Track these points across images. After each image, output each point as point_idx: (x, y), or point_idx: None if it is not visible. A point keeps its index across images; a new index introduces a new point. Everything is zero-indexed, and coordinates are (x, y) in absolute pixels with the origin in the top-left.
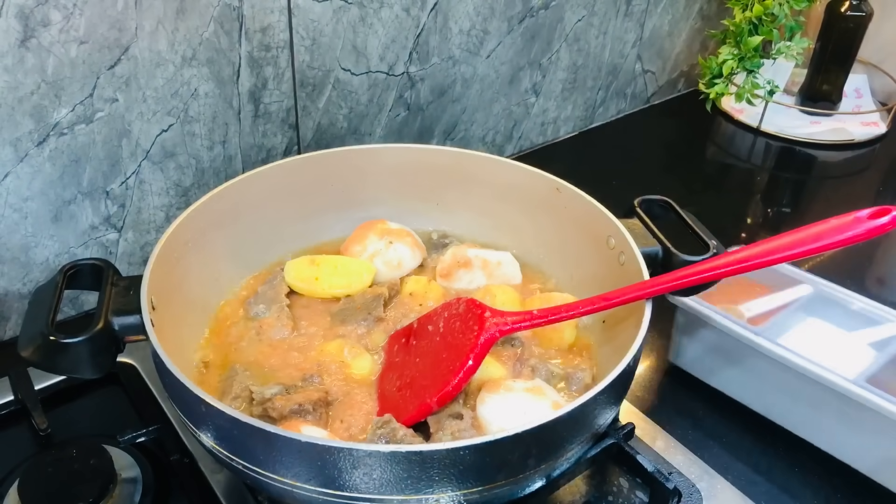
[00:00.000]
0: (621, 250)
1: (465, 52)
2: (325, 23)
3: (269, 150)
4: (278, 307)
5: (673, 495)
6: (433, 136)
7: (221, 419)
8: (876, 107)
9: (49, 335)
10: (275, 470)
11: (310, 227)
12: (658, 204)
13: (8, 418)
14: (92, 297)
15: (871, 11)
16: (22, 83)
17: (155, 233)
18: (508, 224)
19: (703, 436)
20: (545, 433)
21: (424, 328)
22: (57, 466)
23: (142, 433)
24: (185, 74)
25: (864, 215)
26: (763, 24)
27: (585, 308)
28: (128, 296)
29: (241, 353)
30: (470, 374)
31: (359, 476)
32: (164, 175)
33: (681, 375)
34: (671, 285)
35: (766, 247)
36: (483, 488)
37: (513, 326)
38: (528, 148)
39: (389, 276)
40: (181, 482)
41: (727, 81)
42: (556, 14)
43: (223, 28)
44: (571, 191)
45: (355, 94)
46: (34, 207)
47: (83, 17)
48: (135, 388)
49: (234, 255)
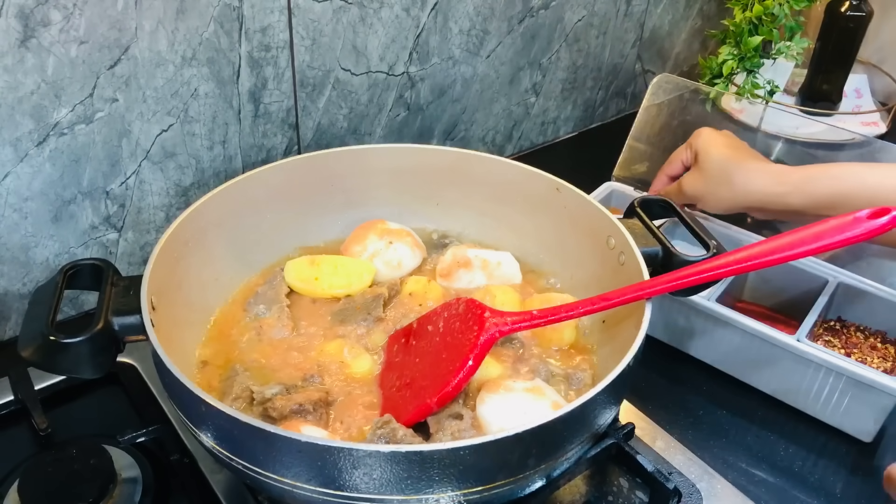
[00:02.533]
0: (621, 250)
1: (465, 52)
2: (325, 23)
3: (269, 150)
4: (278, 307)
5: (673, 495)
6: (433, 136)
7: (221, 419)
8: (876, 107)
9: (49, 335)
10: (275, 470)
11: (310, 227)
12: (658, 204)
13: (8, 418)
14: (92, 297)
15: (871, 11)
16: (22, 83)
17: (155, 233)
18: (508, 224)
19: (703, 436)
20: (545, 433)
21: (424, 328)
22: (57, 466)
23: (142, 433)
24: (185, 74)
25: (864, 215)
26: (763, 24)
27: (585, 308)
28: (128, 296)
29: (241, 353)
30: (470, 375)
31: (359, 476)
32: (164, 175)
33: (681, 375)
34: (671, 285)
35: (766, 247)
36: (483, 488)
37: (513, 327)
38: (528, 148)
39: (389, 276)
40: (181, 482)
41: (727, 81)
42: (556, 14)
43: (223, 28)
44: (571, 191)
45: (355, 94)
46: (34, 207)
47: (83, 17)
48: (135, 388)
49: (234, 255)
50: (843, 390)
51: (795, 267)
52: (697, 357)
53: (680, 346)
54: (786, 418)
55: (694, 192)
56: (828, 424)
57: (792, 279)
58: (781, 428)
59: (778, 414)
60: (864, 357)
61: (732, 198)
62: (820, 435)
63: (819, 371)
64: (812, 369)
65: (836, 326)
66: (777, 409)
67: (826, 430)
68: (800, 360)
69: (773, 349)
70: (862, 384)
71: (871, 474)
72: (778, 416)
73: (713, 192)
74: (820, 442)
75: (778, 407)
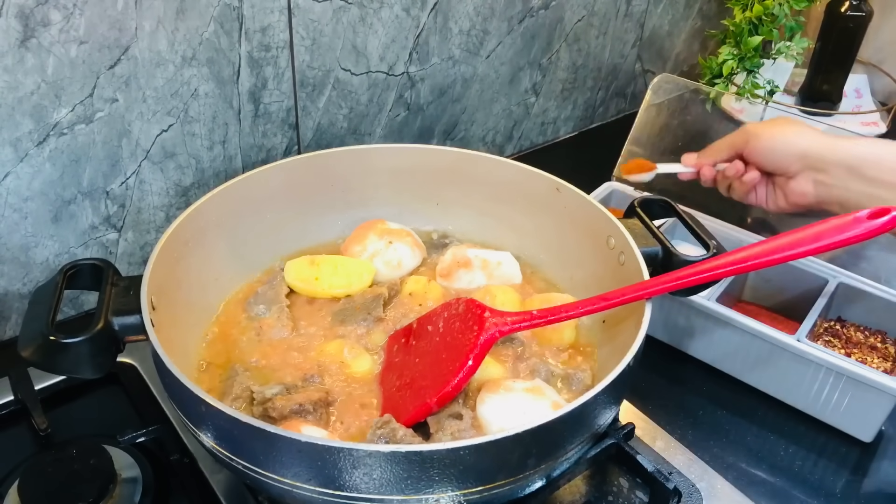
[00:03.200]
0: (621, 250)
1: (465, 52)
2: (325, 23)
3: (269, 150)
4: (278, 307)
5: (673, 495)
6: (433, 136)
7: (221, 419)
8: (876, 107)
9: (49, 335)
10: (275, 470)
11: (310, 227)
12: (658, 204)
13: (8, 418)
14: (92, 297)
15: (871, 11)
16: (22, 83)
17: (155, 233)
18: (508, 224)
19: (703, 436)
20: (545, 433)
21: (424, 328)
22: (57, 466)
23: (142, 433)
24: (185, 74)
25: (864, 215)
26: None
27: (585, 308)
28: (128, 296)
29: (241, 353)
30: (470, 375)
31: (359, 476)
32: (164, 175)
33: (681, 375)
34: (671, 285)
35: (766, 247)
36: (483, 488)
37: (512, 327)
38: (528, 148)
39: (389, 276)
40: (181, 482)
41: (727, 81)
42: (556, 14)
43: (223, 28)
44: (571, 191)
45: (355, 94)
46: (34, 207)
47: (83, 17)
48: (135, 388)
49: (234, 255)
50: (843, 390)
51: (795, 267)
52: (697, 357)
53: (680, 346)
54: (786, 418)
55: (754, 128)
56: (828, 424)
57: (792, 279)
58: (781, 428)
59: (778, 414)
60: (864, 357)
61: (790, 134)
62: (820, 435)
63: (819, 371)
64: (812, 369)
65: (836, 326)
66: (777, 409)
67: (826, 430)
68: (800, 360)
69: (773, 349)
70: (862, 384)
71: (871, 474)
72: (778, 416)
73: (773, 131)
74: (820, 442)
75: (778, 407)
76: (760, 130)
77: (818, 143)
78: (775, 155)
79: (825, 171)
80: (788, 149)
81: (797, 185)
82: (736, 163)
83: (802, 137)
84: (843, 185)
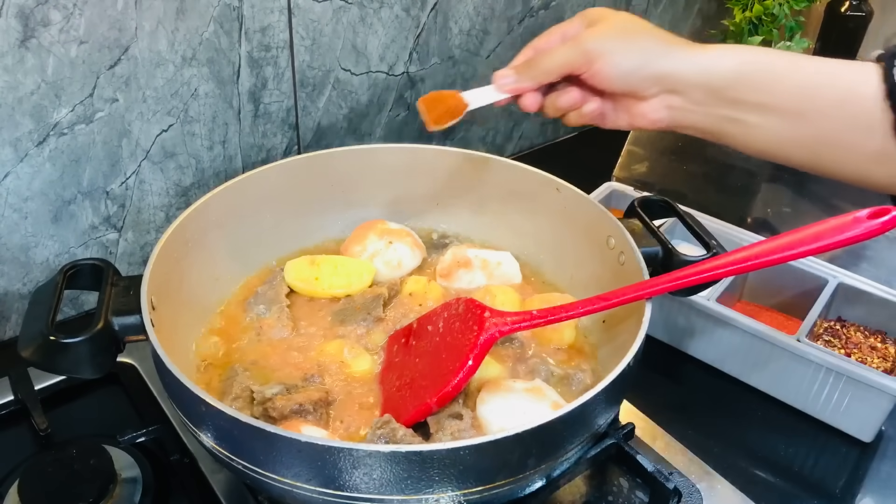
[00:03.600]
0: (621, 250)
1: (465, 52)
2: (325, 23)
3: (269, 150)
4: (278, 307)
5: (673, 495)
6: (433, 136)
7: (221, 419)
8: None
9: (49, 335)
10: (275, 470)
11: (310, 227)
12: (658, 204)
13: (8, 418)
14: (92, 297)
15: (871, 11)
16: (22, 83)
17: (155, 233)
18: (508, 224)
19: (703, 436)
20: (545, 433)
21: (424, 328)
22: (57, 466)
23: (142, 433)
24: (185, 74)
25: (864, 215)
26: (763, 24)
27: (585, 308)
28: (128, 296)
29: (241, 353)
30: (470, 375)
31: (359, 476)
32: (164, 175)
33: (681, 375)
34: (671, 285)
35: (766, 247)
36: (483, 488)
37: (512, 327)
38: (528, 148)
39: (389, 276)
40: (181, 482)
41: None
42: (556, 14)
43: (223, 28)
44: (571, 191)
45: (355, 94)
46: (34, 207)
47: (83, 17)
48: (135, 388)
49: (234, 255)
50: (843, 390)
51: (795, 267)
52: (697, 357)
53: (680, 346)
54: (786, 418)
55: (596, 45)
56: (828, 424)
57: (792, 279)
58: (781, 428)
59: (778, 414)
60: (864, 357)
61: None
62: (820, 435)
63: (819, 371)
64: (812, 369)
65: (836, 326)
66: (777, 409)
67: (826, 430)
68: (800, 360)
69: (773, 349)
70: (862, 384)
71: (871, 474)
72: (778, 416)
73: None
74: (820, 442)
75: (778, 407)
76: (606, 49)
77: (675, 61)
78: (626, 79)
79: (682, 94)
80: (642, 72)
81: (649, 108)
82: (572, 93)
83: (655, 54)
84: (703, 109)
